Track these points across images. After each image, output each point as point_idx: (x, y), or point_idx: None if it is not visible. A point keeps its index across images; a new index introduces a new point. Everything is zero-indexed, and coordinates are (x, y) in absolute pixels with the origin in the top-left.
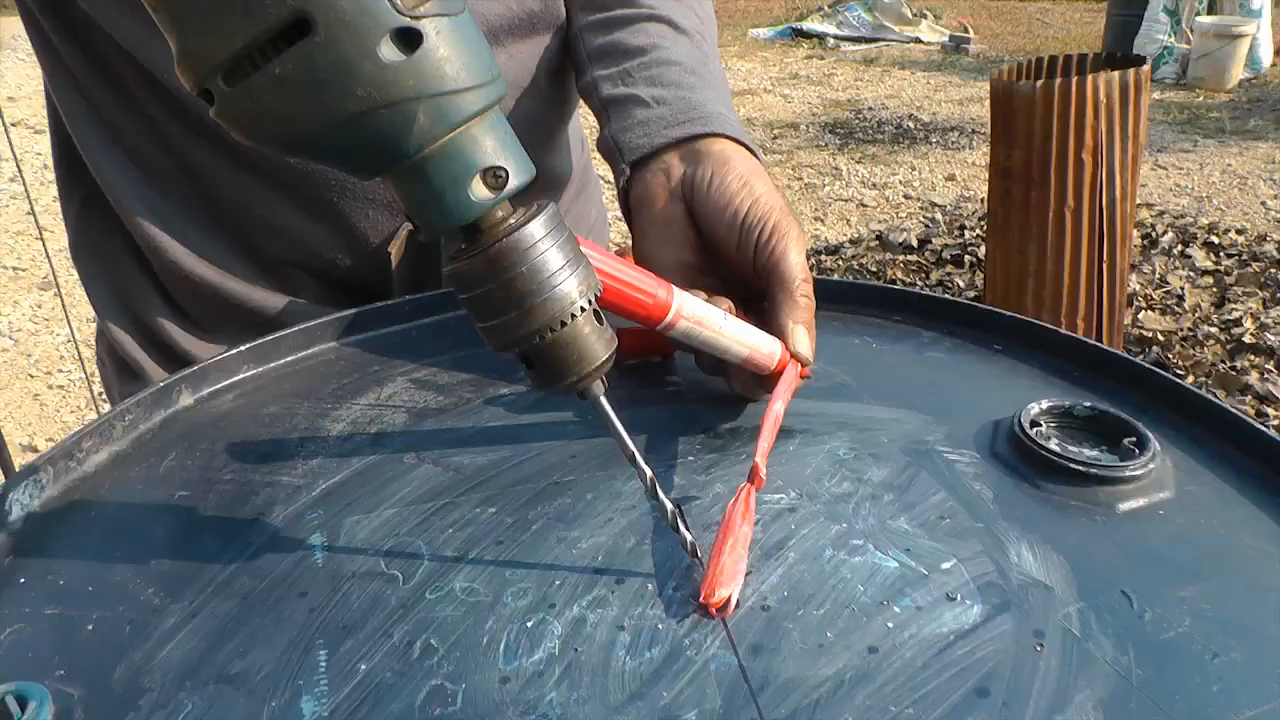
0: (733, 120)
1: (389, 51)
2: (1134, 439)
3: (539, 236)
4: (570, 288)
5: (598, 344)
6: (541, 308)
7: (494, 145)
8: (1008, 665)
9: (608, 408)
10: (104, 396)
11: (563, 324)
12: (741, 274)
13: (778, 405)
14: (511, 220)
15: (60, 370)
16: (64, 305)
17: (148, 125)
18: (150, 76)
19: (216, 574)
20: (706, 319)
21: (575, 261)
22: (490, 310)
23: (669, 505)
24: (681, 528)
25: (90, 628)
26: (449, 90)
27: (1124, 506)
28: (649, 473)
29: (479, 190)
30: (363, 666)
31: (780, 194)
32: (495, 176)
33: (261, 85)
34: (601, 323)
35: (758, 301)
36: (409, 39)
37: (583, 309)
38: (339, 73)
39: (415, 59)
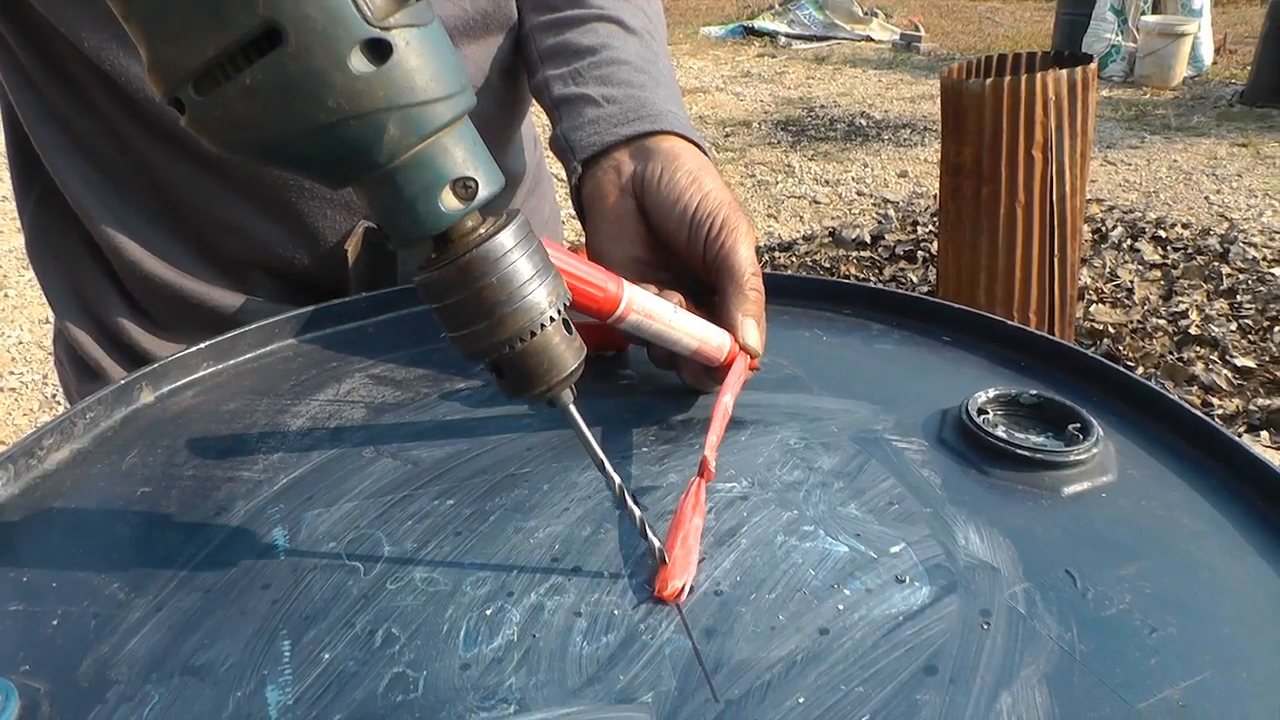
0: (682, 118)
1: (359, 62)
2: (1078, 425)
3: (509, 246)
4: (540, 297)
5: (567, 353)
6: (512, 317)
7: (464, 155)
8: (955, 643)
9: (577, 416)
10: (57, 399)
11: (533, 333)
12: (692, 268)
13: (727, 397)
14: (481, 230)
15: (12, 373)
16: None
17: (104, 126)
18: (107, 78)
19: (180, 568)
20: (656, 312)
21: (545, 271)
22: (461, 320)
23: (637, 513)
24: (650, 535)
25: (55, 623)
26: (419, 101)
27: (1068, 490)
28: (617, 480)
29: (449, 200)
30: (326, 656)
31: (729, 190)
32: (465, 187)
33: (232, 95)
34: (571, 332)
35: (708, 295)
36: (379, 50)
37: (552, 319)
38: (309, 83)
39: (385, 70)
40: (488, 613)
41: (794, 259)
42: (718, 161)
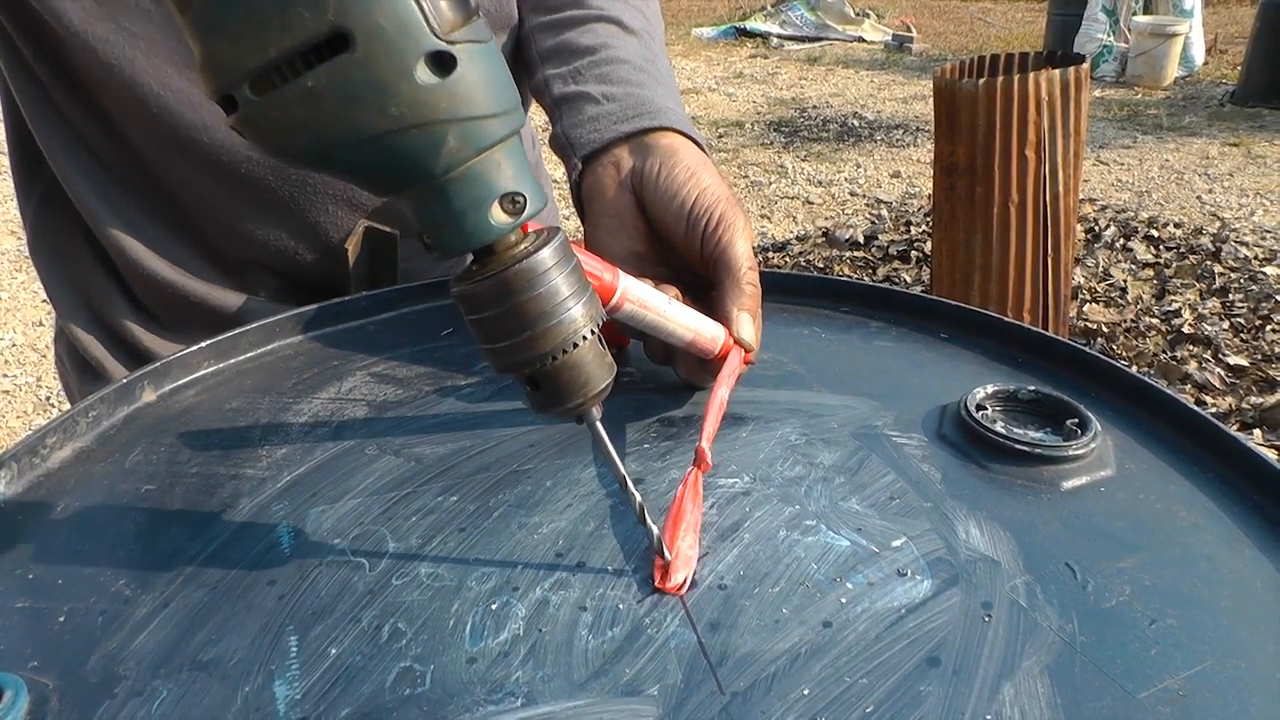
0: (681, 115)
1: (424, 73)
2: (1076, 420)
3: (550, 264)
4: (578, 314)
5: (599, 369)
6: (550, 333)
7: (513, 172)
8: (957, 635)
9: (603, 433)
10: (51, 401)
11: (567, 350)
12: (689, 263)
13: (722, 391)
14: (523, 246)
15: (5, 375)
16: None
17: (105, 125)
18: (109, 75)
19: (186, 564)
20: (651, 303)
21: (582, 289)
22: (498, 333)
23: (655, 530)
24: (655, 532)
25: (62, 619)
26: (478, 115)
27: (1067, 484)
28: (638, 499)
29: (498, 215)
30: (333, 650)
31: (727, 186)
32: (513, 202)
33: (292, 97)
34: (603, 348)
35: (705, 290)
36: (444, 62)
37: (587, 336)
38: (373, 90)
39: (449, 82)
40: (493, 607)
41: (787, 259)
42: (715, 160)
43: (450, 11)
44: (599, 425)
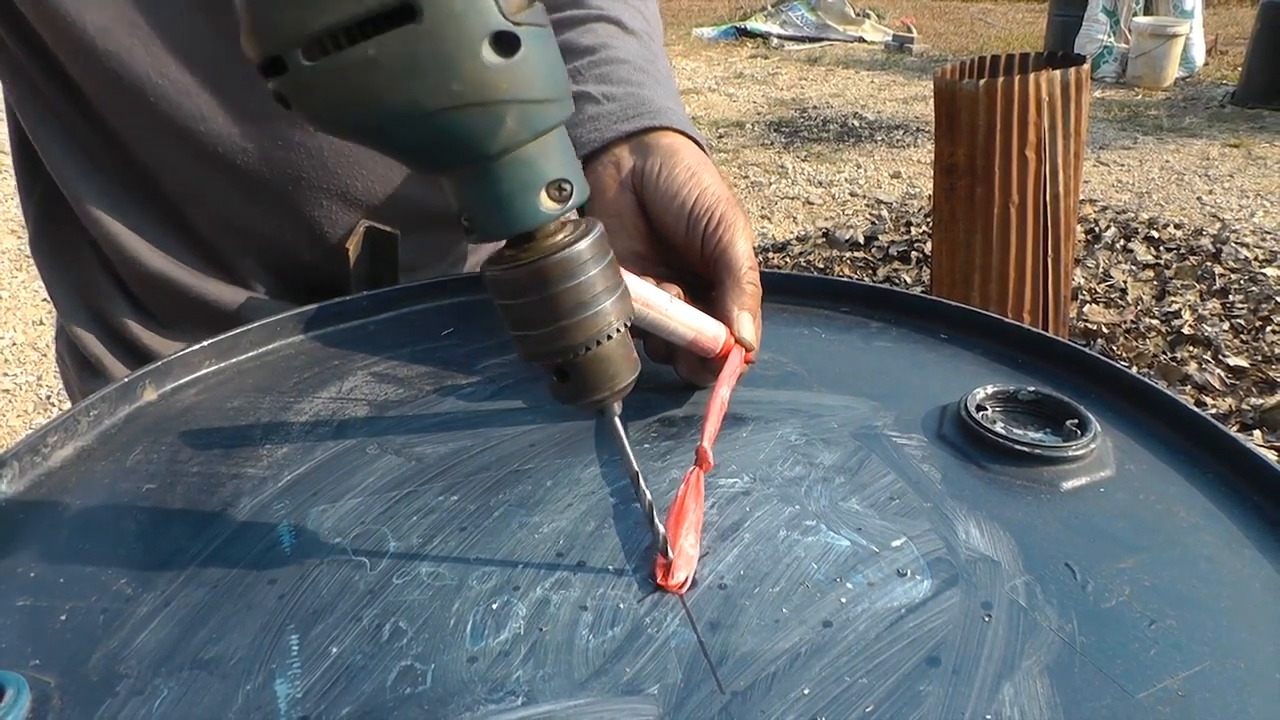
0: (680, 115)
1: (488, 52)
2: (1076, 421)
3: (588, 256)
4: (610, 308)
5: (626, 365)
6: (582, 325)
7: (561, 159)
8: (957, 635)
9: (620, 427)
10: (51, 400)
11: (599, 342)
12: (690, 262)
13: (723, 390)
14: (562, 235)
15: (6, 374)
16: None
17: (97, 117)
18: (105, 62)
19: (187, 563)
20: (652, 300)
21: (616, 284)
22: (529, 320)
23: (662, 531)
24: (671, 554)
25: (63, 618)
26: (537, 98)
27: (1067, 485)
28: (649, 497)
29: (545, 201)
30: (334, 649)
31: (727, 186)
32: (559, 189)
33: (350, 64)
34: (630, 345)
35: (706, 290)
36: (508, 43)
37: (618, 331)
38: (438, 65)
39: (512, 63)
40: (494, 607)
41: (788, 260)
42: (715, 160)
43: None
44: (617, 421)
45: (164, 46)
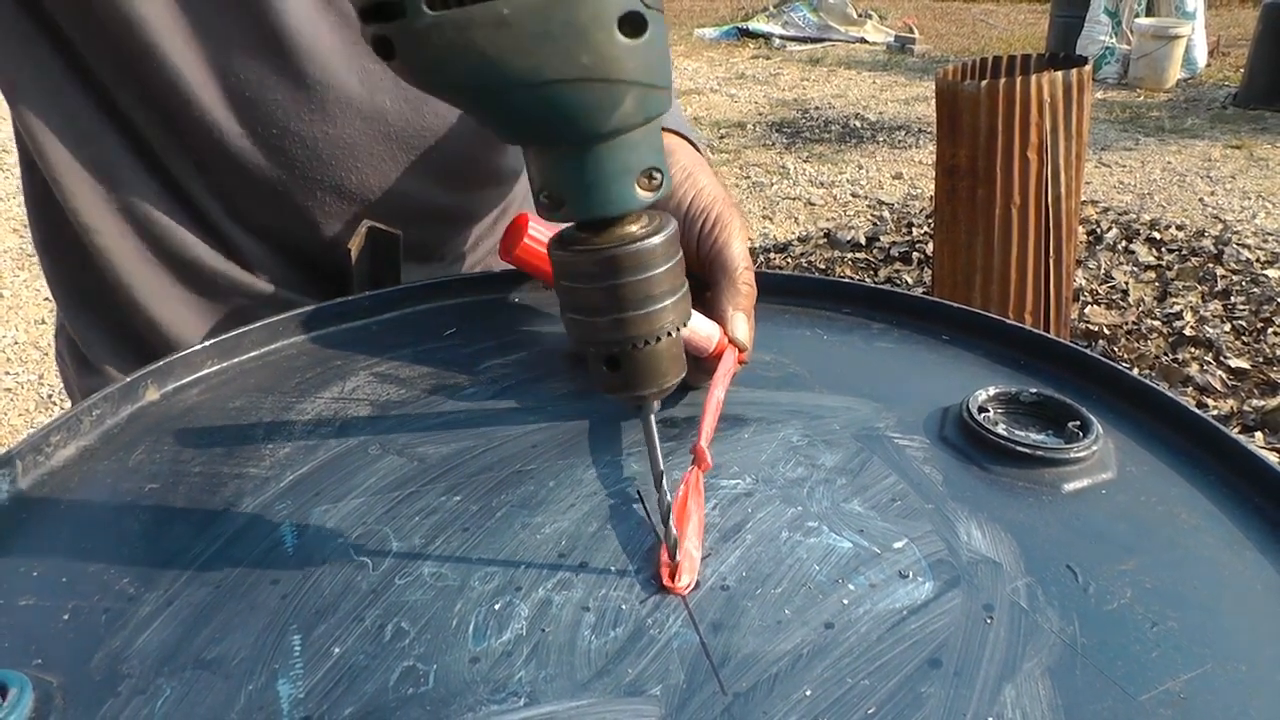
0: (678, 116)
1: (619, 30)
2: (1078, 423)
3: (660, 252)
4: (671, 307)
5: (673, 365)
6: (643, 320)
7: (656, 147)
8: (959, 637)
9: (654, 425)
10: (53, 399)
11: (656, 339)
12: (685, 263)
13: (718, 390)
14: (638, 227)
15: (8, 373)
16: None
17: (99, 91)
18: (104, 33)
19: (190, 563)
20: None
21: (680, 284)
22: (589, 306)
23: (675, 533)
24: (679, 556)
25: (66, 617)
26: (654, 83)
27: (1068, 487)
28: (669, 498)
29: (640, 187)
30: (336, 650)
31: (723, 186)
32: (651, 177)
33: (478, 20)
34: (681, 347)
35: (701, 290)
36: (637, 24)
37: (674, 331)
38: (570, 33)
39: (639, 44)
40: (496, 607)
41: (789, 260)
42: (712, 160)
43: None
44: (653, 418)
45: (172, 24)
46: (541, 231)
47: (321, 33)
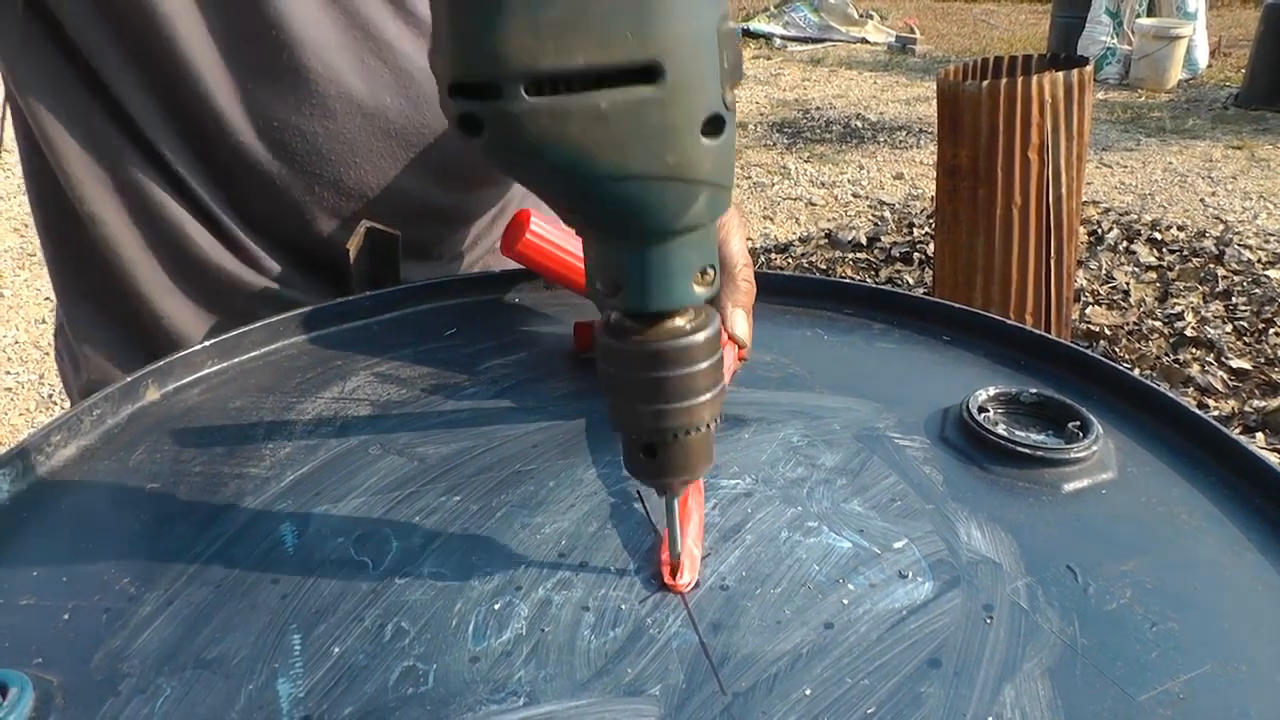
0: None
1: (702, 131)
2: (1078, 423)
3: (704, 350)
4: (707, 401)
5: (704, 456)
6: (680, 413)
7: (713, 244)
8: (959, 637)
9: (678, 509)
10: (53, 398)
11: (689, 432)
12: None
13: None
14: (685, 321)
15: (8, 373)
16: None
17: (98, 80)
18: (108, 26)
19: (190, 563)
20: None
21: (719, 380)
22: (631, 393)
23: (680, 546)
24: (679, 537)
25: (66, 617)
26: (724, 184)
27: (1069, 487)
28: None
29: (697, 283)
30: (336, 649)
31: None
32: (704, 274)
33: (575, 110)
34: (712, 439)
35: None
36: (717, 125)
37: (709, 425)
38: (660, 133)
39: (717, 145)
40: (496, 607)
41: (790, 260)
42: None
43: (732, 75)
44: (677, 503)
45: (172, 17)
46: (543, 227)
47: (324, 28)
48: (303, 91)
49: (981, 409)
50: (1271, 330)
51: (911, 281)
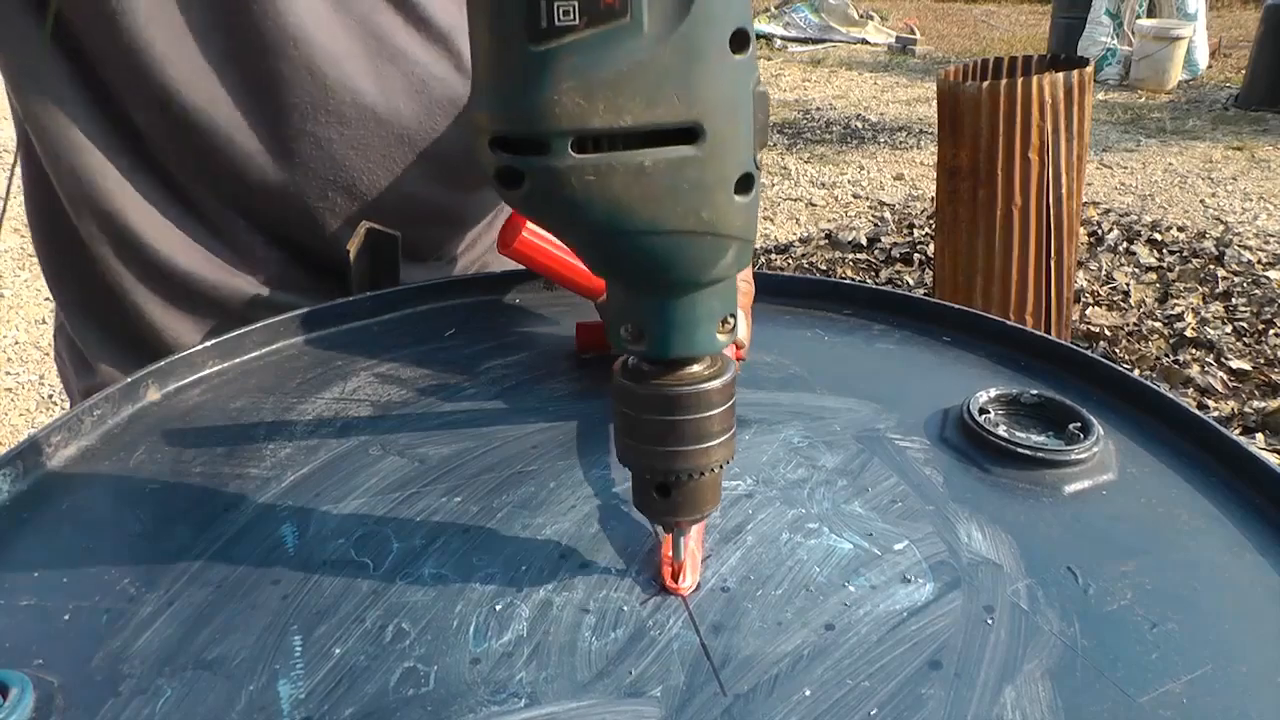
0: None
1: (735, 188)
2: (1079, 424)
3: (719, 396)
4: (719, 446)
5: (712, 497)
6: (692, 455)
7: (735, 294)
8: (959, 638)
9: (683, 543)
10: (54, 399)
11: (700, 474)
12: None
13: None
14: (702, 367)
15: (8, 373)
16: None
17: (106, 96)
18: (115, 45)
19: (191, 563)
20: None
21: (731, 425)
22: (644, 435)
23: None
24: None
25: (67, 617)
26: (750, 238)
27: (1069, 488)
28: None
29: (719, 331)
30: (337, 650)
31: None
32: (725, 322)
33: (619, 167)
34: (720, 480)
35: None
36: (748, 184)
37: (720, 467)
38: (697, 190)
39: (747, 202)
40: (497, 608)
41: (790, 261)
42: None
43: (760, 135)
44: (683, 540)
45: (180, 29)
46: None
47: (337, 36)
48: (317, 99)
49: (982, 410)
50: (1271, 331)
51: (912, 282)
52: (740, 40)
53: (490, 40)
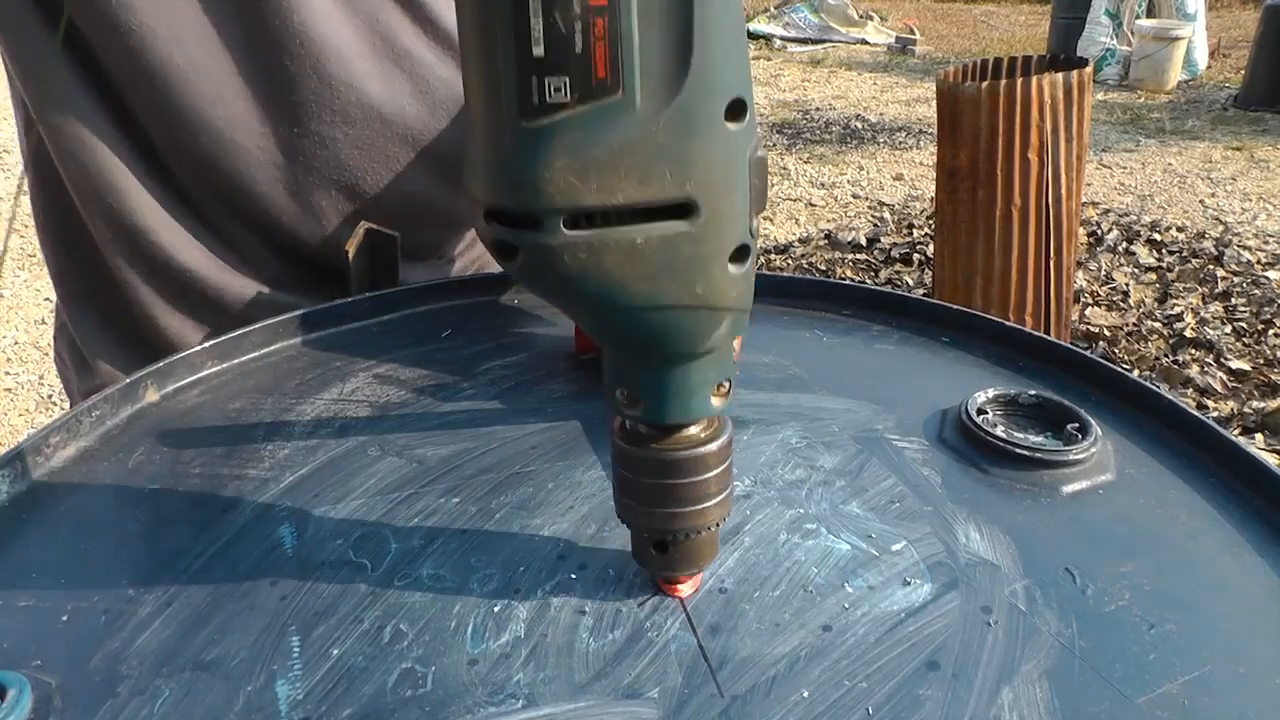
0: None
1: (730, 261)
2: (1077, 425)
3: (715, 459)
4: (715, 505)
5: (708, 554)
6: (689, 516)
7: (730, 359)
8: (957, 639)
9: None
10: (53, 399)
11: (697, 533)
12: None
13: None
14: (699, 430)
15: (8, 373)
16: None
17: (113, 94)
18: (122, 44)
19: (189, 564)
20: None
21: (727, 485)
22: (642, 497)
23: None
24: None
25: (65, 618)
26: (746, 308)
27: (1067, 489)
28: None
29: (715, 397)
30: (335, 651)
31: None
32: (720, 386)
33: (611, 244)
34: (717, 537)
35: None
36: (743, 255)
37: (718, 525)
38: (692, 266)
39: (742, 273)
40: (495, 609)
41: (790, 261)
42: None
43: (758, 203)
44: (681, 588)
45: (185, 26)
46: None
47: (345, 36)
48: (323, 98)
49: (980, 410)
50: (1271, 331)
51: (911, 282)
52: (736, 110)
53: (484, 112)
